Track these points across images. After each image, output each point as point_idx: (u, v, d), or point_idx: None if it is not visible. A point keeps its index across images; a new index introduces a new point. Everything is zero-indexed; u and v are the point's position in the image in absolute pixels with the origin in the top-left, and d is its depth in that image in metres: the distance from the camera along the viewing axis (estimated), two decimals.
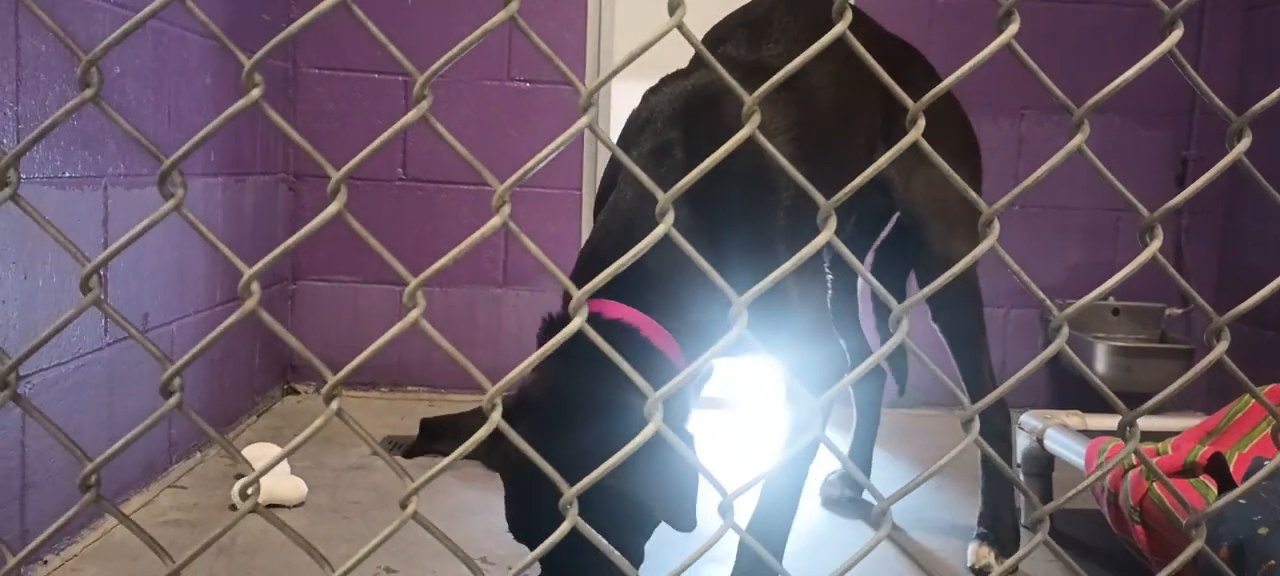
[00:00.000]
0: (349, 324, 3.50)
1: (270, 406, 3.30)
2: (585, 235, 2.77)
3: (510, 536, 1.49)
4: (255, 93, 0.65)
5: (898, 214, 2.23)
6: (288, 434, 2.95)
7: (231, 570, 2.00)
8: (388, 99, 3.38)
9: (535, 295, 3.52)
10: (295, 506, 2.37)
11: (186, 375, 0.72)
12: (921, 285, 2.26)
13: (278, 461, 0.80)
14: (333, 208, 0.67)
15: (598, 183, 1.93)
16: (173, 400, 0.69)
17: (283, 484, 2.38)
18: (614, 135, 2.05)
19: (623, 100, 2.81)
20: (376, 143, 0.70)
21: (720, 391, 3.55)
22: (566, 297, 1.69)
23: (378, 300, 3.49)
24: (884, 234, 2.40)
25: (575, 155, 3.48)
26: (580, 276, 1.42)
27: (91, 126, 2.11)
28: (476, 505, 2.42)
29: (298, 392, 3.47)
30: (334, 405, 0.70)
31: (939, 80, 2.25)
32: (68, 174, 2.02)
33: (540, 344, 1.46)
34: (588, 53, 3.44)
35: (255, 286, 0.66)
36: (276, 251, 0.67)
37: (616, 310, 1.51)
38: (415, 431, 1.50)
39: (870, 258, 2.43)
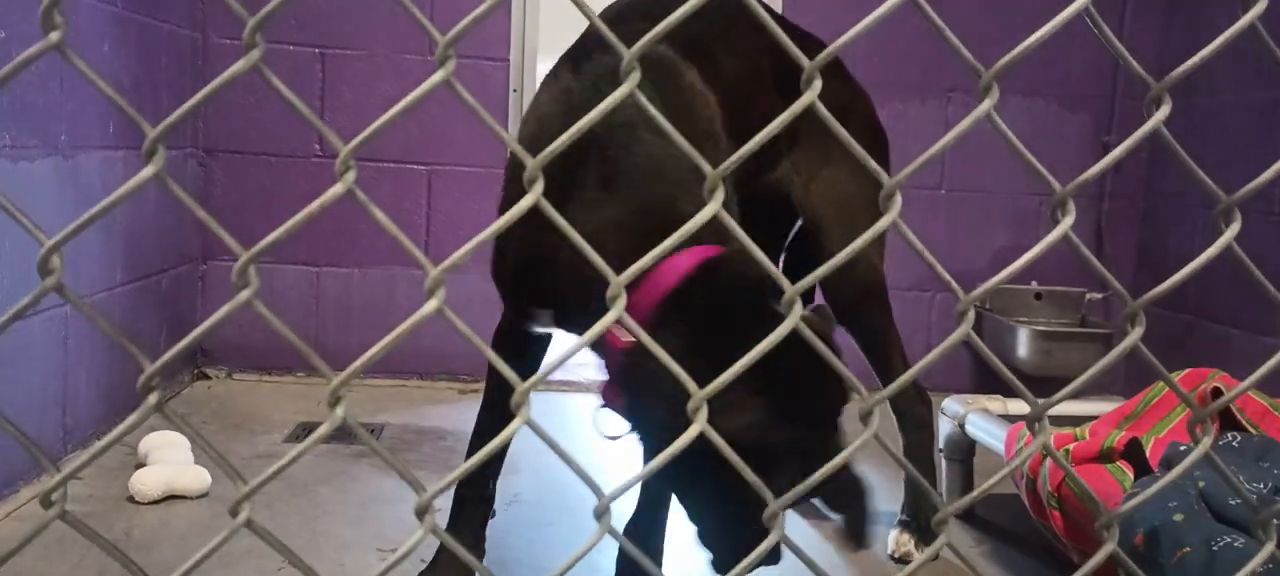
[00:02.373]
0: (261, 304, 3.36)
1: (179, 392, 3.17)
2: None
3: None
4: (149, 170, 0.57)
5: (800, 221, 2.12)
6: (196, 420, 2.83)
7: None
8: (303, 71, 3.24)
9: (459, 276, 3.42)
10: (198, 497, 2.27)
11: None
12: (825, 291, 2.06)
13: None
14: (243, 295, 0.60)
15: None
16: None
17: (185, 474, 2.27)
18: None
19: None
20: (294, 220, 0.62)
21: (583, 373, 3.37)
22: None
23: (291, 281, 3.36)
24: (788, 242, 2.32)
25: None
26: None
27: None
28: (391, 494, 2.34)
29: (208, 377, 3.33)
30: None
31: (843, 74, 2.20)
32: None
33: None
34: (512, 28, 3.36)
35: (155, 383, 0.59)
36: (184, 342, 0.59)
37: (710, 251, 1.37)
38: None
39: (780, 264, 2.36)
